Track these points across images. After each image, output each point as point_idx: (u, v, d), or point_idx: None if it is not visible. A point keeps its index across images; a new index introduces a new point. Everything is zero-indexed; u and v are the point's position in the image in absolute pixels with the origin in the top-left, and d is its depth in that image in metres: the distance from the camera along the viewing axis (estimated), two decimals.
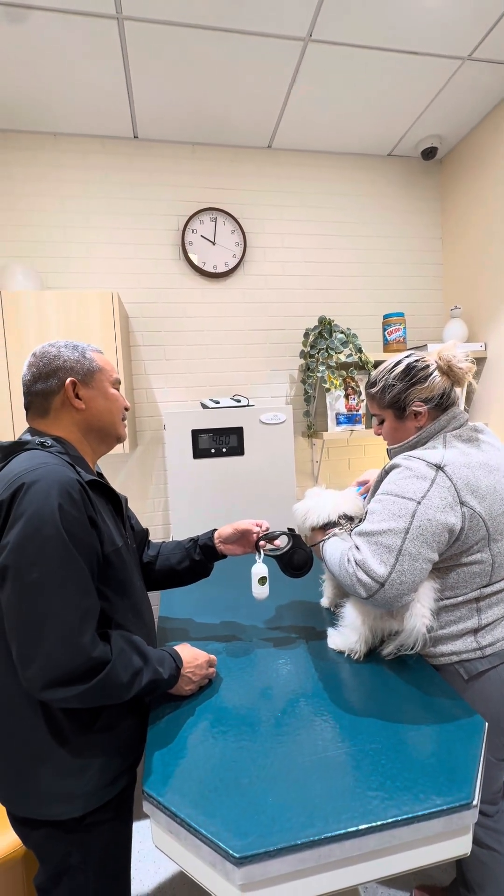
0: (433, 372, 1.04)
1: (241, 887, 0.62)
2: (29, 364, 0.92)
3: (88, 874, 0.83)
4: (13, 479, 0.77)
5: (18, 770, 0.79)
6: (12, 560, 0.72)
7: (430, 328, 2.47)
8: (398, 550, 0.90)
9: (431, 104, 1.98)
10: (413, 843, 0.66)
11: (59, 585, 0.73)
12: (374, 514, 0.97)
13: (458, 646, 1.01)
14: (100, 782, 0.81)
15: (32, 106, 1.86)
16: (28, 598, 0.72)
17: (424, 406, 1.05)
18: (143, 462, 2.22)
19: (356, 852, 0.64)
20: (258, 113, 1.98)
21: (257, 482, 2.01)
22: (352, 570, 0.94)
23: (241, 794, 0.69)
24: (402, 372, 1.07)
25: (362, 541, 0.96)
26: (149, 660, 0.83)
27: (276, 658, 1.07)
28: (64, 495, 0.76)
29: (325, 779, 0.71)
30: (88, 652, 0.73)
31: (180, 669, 0.89)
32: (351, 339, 2.07)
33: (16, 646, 0.73)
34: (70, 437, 0.91)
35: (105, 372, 0.95)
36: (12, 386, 1.76)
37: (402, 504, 0.92)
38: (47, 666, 0.71)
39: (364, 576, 0.92)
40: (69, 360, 0.91)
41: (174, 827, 0.68)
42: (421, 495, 0.92)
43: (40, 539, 0.72)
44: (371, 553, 0.92)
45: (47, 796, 0.78)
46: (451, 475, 0.93)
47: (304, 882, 0.64)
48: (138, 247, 2.15)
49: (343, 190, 2.34)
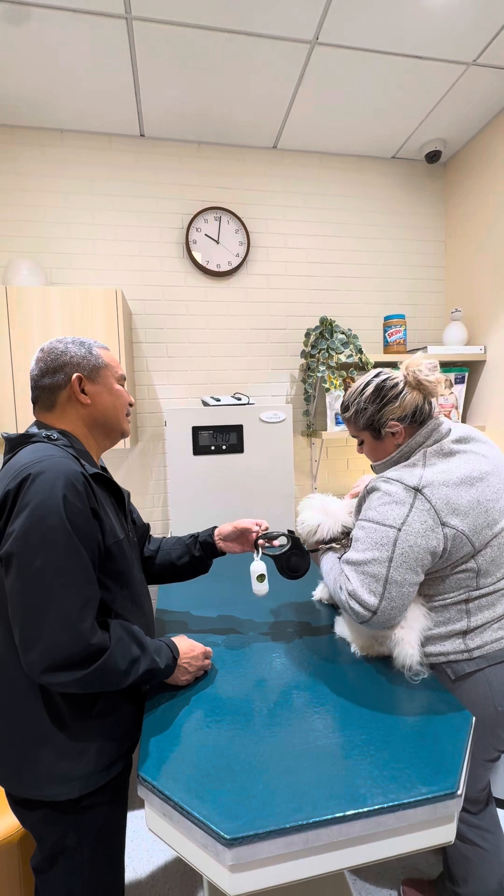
0: (403, 389, 1.04)
1: (230, 868, 0.64)
2: (37, 359, 0.94)
3: (84, 855, 0.86)
4: (19, 469, 0.79)
5: (18, 751, 0.82)
6: (17, 548, 0.74)
7: (430, 330, 2.49)
8: (384, 579, 0.93)
9: (436, 108, 1.99)
10: (399, 829, 0.68)
11: (62, 573, 0.75)
12: (357, 542, 0.99)
13: (446, 647, 1.02)
14: (96, 766, 0.84)
15: (40, 102, 1.88)
16: (31, 585, 0.74)
17: (399, 424, 1.05)
18: (143, 458, 2.25)
19: (343, 837, 0.66)
20: (264, 114, 1.99)
21: (256, 480, 2.03)
22: (344, 598, 0.98)
23: (232, 780, 0.72)
24: (373, 394, 1.06)
25: (350, 570, 0.98)
26: (146, 649, 0.85)
27: (270, 651, 1.09)
28: (68, 487, 0.78)
29: (315, 767, 0.74)
30: (88, 639, 0.75)
31: (177, 660, 0.91)
32: (352, 339, 2.09)
33: (18, 630, 0.75)
34: (75, 430, 0.94)
35: (110, 368, 0.98)
36: (16, 380, 1.78)
37: (384, 532, 0.94)
38: (48, 650, 0.73)
39: (356, 605, 0.95)
40: (76, 355, 0.93)
41: (167, 810, 0.70)
42: (401, 522, 0.93)
43: (44, 528, 0.75)
44: (360, 584, 0.95)
45: (45, 778, 0.81)
46: (429, 497, 0.93)
47: (292, 864, 0.66)
48: (143, 244, 2.17)
49: (347, 191, 2.35)
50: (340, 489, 2.44)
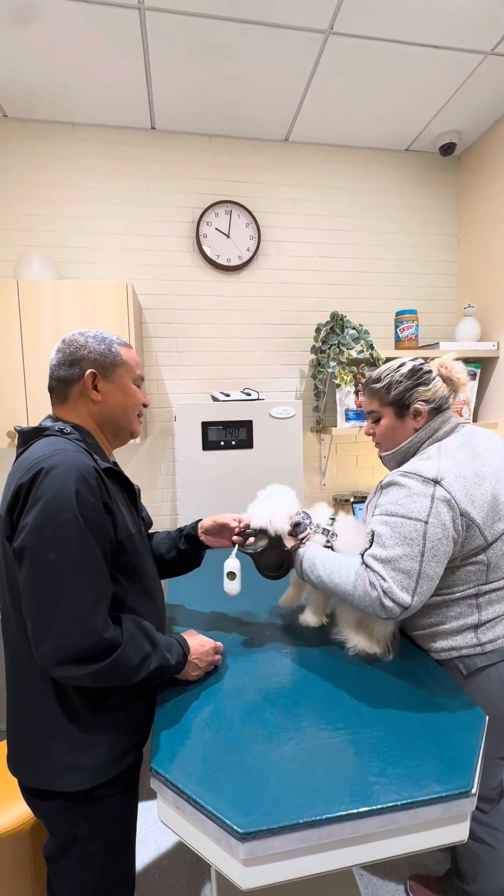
0: (435, 377, 1.08)
1: (243, 862, 0.64)
2: (57, 349, 0.93)
3: (95, 846, 0.86)
4: (32, 463, 0.79)
5: (31, 742, 0.83)
6: (30, 542, 0.74)
7: (442, 326, 2.46)
8: (417, 575, 0.92)
9: (452, 99, 1.96)
10: (412, 827, 0.68)
11: (74, 568, 0.75)
12: (384, 538, 0.95)
13: (458, 641, 1.02)
14: (108, 758, 0.84)
15: (52, 95, 1.87)
16: (44, 579, 0.74)
17: (425, 407, 1.06)
18: (152, 452, 2.25)
19: (356, 834, 0.66)
20: (276, 105, 1.97)
21: (265, 475, 2.02)
22: (375, 595, 0.93)
23: (245, 775, 0.72)
24: (409, 372, 1.09)
25: (382, 568, 0.94)
26: (158, 645, 0.85)
27: (281, 646, 1.09)
28: (81, 481, 0.78)
29: (327, 763, 0.73)
30: (100, 633, 0.76)
31: (187, 656, 0.91)
32: (363, 335, 2.07)
33: (31, 624, 0.75)
34: (87, 425, 0.93)
35: (128, 367, 0.96)
36: (27, 373, 1.79)
37: (412, 526, 0.92)
38: (60, 645, 0.73)
39: (390, 602, 0.92)
40: (94, 351, 0.92)
41: (180, 803, 0.70)
42: (426, 514, 0.92)
43: (58, 522, 0.75)
44: (394, 581, 0.92)
45: (58, 768, 0.82)
46: (448, 487, 0.94)
47: (305, 860, 0.66)
48: (153, 238, 2.16)
49: (359, 185, 2.33)
50: (350, 486, 2.43)
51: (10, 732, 0.87)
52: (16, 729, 0.85)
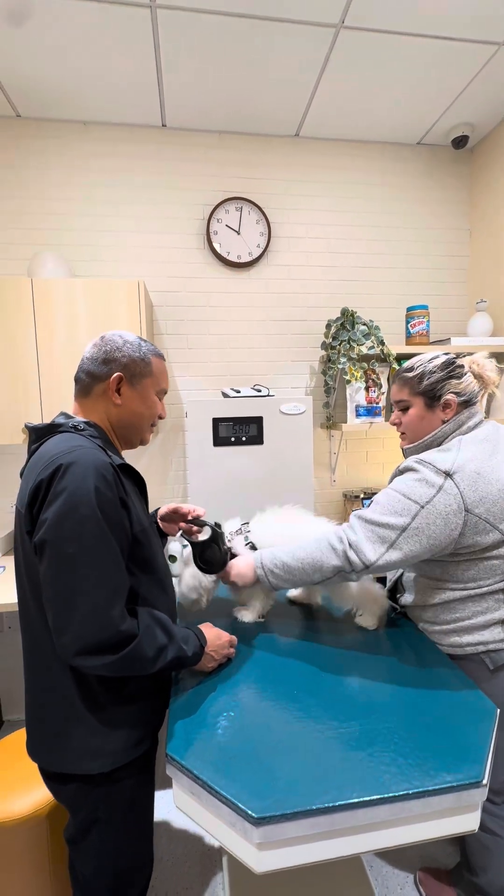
0: (467, 372, 1.10)
1: (258, 846, 0.66)
2: (94, 344, 0.96)
3: (115, 826, 0.90)
4: (50, 460, 0.81)
5: (53, 728, 0.85)
6: (50, 535, 0.77)
7: (454, 322, 2.44)
8: (390, 544, 0.96)
9: (464, 91, 1.93)
10: (423, 816, 0.69)
11: (93, 561, 0.77)
12: (378, 505, 1.01)
13: (485, 636, 1.03)
14: (127, 742, 0.87)
15: (64, 94, 1.89)
16: (63, 572, 0.76)
17: (455, 399, 1.08)
18: (163, 448, 2.27)
19: (368, 821, 0.67)
20: (286, 101, 1.97)
21: (275, 471, 2.03)
22: (341, 548, 0.99)
23: (258, 762, 0.73)
24: (443, 364, 1.10)
25: (360, 524, 1.01)
26: (174, 637, 0.87)
27: (294, 638, 1.11)
28: (99, 477, 0.80)
29: (339, 753, 0.75)
30: (117, 625, 0.78)
31: (204, 648, 0.93)
32: (373, 331, 2.06)
33: (51, 616, 0.78)
34: (102, 424, 0.95)
35: (155, 379, 0.98)
36: (41, 371, 1.81)
37: (406, 504, 0.97)
38: (79, 636, 0.76)
39: (353, 555, 0.98)
40: (127, 355, 0.94)
41: (196, 789, 0.72)
42: (426, 500, 0.95)
43: (77, 517, 0.77)
44: (366, 538, 0.98)
45: (79, 752, 0.84)
46: (458, 483, 0.95)
47: (318, 845, 0.68)
48: (164, 236, 2.18)
49: (370, 179, 2.31)
50: (359, 482, 2.43)
51: (31, 720, 0.90)
52: (37, 716, 0.88)
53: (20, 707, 2.16)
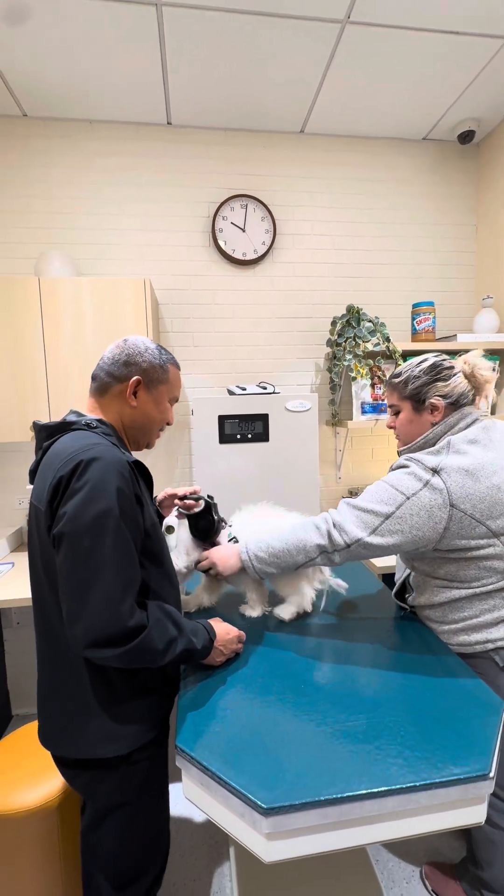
0: (457, 373, 1.10)
1: (266, 836, 0.67)
2: (117, 345, 0.98)
3: (133, 807, 0.93)
4: (70, 456, 0.82)
5: (71, 716, 0.88)
6: (68, 528, 0.78)
7: (460, 318, 2.43)
8: (372, 529, 1.00)
9: (471, 86, 1.92)
10: (430, 807, 0.70)
11: (108, 556, 0.79)
12: (366, 494, 1.06)
13: (493, 633, 1.04)
14: (142, 725, 0.90)
15: (70, 93, 1.90)
16: (79, 565, 0.78)
17: (442, 402, 1.09)
18: (169, 446, 2.28)
19: (376, 812, 0.68)
20: (292, 97, 1.97)
21: (281, 468, 2.04)
22: (325, 527, 1.04)
23: (266, 755, 0.74)
24: (429, 367, 1.12)
25: (346, 508, 1.05)
26: (183, 630, 0.89)
27: (301, 633, 1.12)
28: (118, 474, 0.82)
29: (347, 745, 0.75)
30: (127, 618, 0.79)
31: (213, 641, 0.95)
32: (379, 328, 2.06)
33: (65, 607, 0.79)
34: (114, 423, 0.98)
35: (170, 386, 1.02)
36: (49, 369, 1.83)
37: (392, 494, 1.01)
38: (90, 628, 0.77)
39: (336, 534, 1.02)
40: (148, 361, 0.97)
41: (205, 780, 0.73)
42: (412, 493, 0.99)
43: (95, 511, 0.78)
44: (350, 520, 1.03)
45: (96, 738, 0.87)
46: (445, 479, 0.98)
47: (326, 836, 0.69)
48: (169, 234, 2.18)
49: (375, 175, 2.31)
50: (365, 479, 2.43)
51: (45, 709, 0.92)
52: (52, 706, 0.90)
53: (29, 701, 2.18)
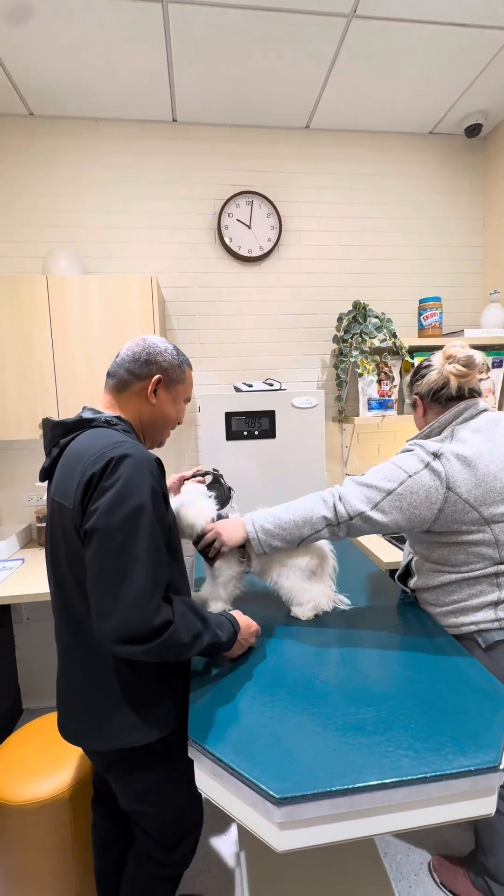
0: (432, 370, 1.17)
1: (279, 825, 0.68)
2: (136, 343, 0.99)
3: (166, 787, 0.96)
4: (98, 454, 0.82)
5: (101, 709, 0.89)
6: (100, 524, 0.78)
7: (467, 313, 2.42)
8: (374, 504, 1.06)
9: (478, 78, 1.91)
10: (440, 799, 0.71)
11: (140, 553, 0.79)
12: (371, 472, 1.12)
13: (478, 617, 1.09)
14: (168, 712, 0.92)
15: (76, 92, 1.90)
16: (110, 561, 0.78)
17: (420, 399, 1.20)
18: (176, 443, 2.29)
19: (386, 803, 0.69)
20: (297, 92, 1.96)
21: (288, 465, 2.05)
22: (331, 500, 1.09)
23: (278, 746, 0.75)
24: (416, 368, 1.24)
25: (352, 484, 1.11)
26: (208, 624, 0.90)
27: (310, 627, 1.13)
28: (150, 471, 0.83)
29: (357, 737, 0.76)
30: (155, 614, 0.79)
31: (237, 634, 0.96)
32: (385, 324, 2.06)
33: (94, 603, 0.79)
34: (132, 420, 0.98)
35: (186, 386, 1.05)
36: (57, 367, 1.84)
37: (396, 472, 1.07)
38: (120, 625, 0.77)
39: (341, 506, 1.07)
40: (167, 361, 0.99)
41: (217, 770, 0.74)
42: (414, 471, 1.05)
43: (128, 508, 0.79)
44: (354, 494, 1.08)
45: (125, 728, 0.88)
46: (444, 463, 1.04)
47: (337, 826, 0.69)
48: (175, 231, 2.19)
49: (381, 170, 2.30)
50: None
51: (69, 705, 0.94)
52: (79, 703, 0.92)
53: (40, 696, 2.21)
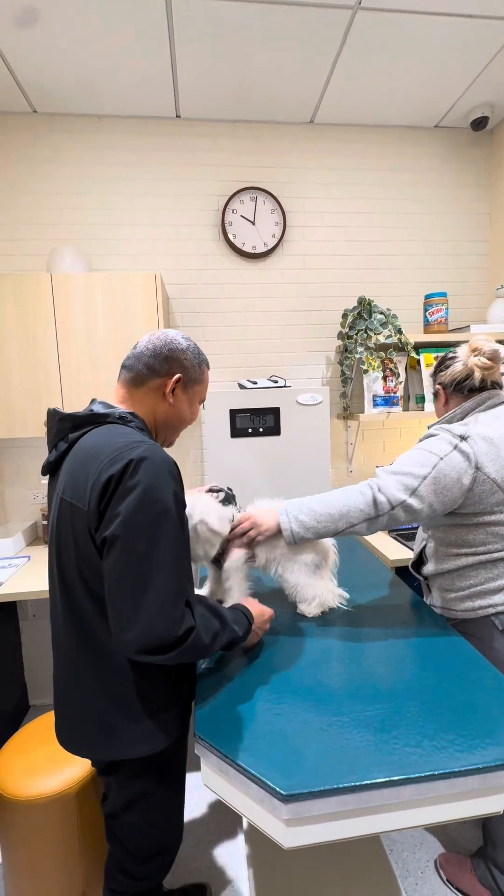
0: (457, 362, 1.20)
1: (286, 822, 0.67)
2: (157, 337, 0.94)
3: (158, 796, 0.95)
4: (115, 454, 0.78)
5: (101, 721, 0.87)
6: (123, 530, 0.75)
7: (473, 308, 2.40)
8: (412, 490, 1.06)
9: (484, 71, 1.88)
10: (449, 796, 0.70)
11: (165, 560, 0.76)
12: (401, 459, 1.12)
13: (495, 599, 1.12)
14: (174, 722, 0.91)
15: (80, 89, 1.90)
16: (134, 568, 0.75)
17: (442, 389, 1.24)
18: (181, 440, 2.27)
19: (394, 800, 0.68)
20: (301, 87, 1.94)
21: (293, 462, 2.04)
22: (369, 493, 1.08)
23: (285, 743, 0.75)
24: (440, 360, 1.27)
25: (385, 474, 1.11)
26: (226, 621, 0.88)
27: (316, 624, 1.12)
28: (171, 474, 0.80)
29: (364, 735, 0.76)
30: (180, 623, 0.77)
31: (252, 625, 0.95)
32: (391, 319, 2.04)
33: (115, 611, 0.76)
34: (146, 417, 0.94)
35: (203, 388, 1.02)
36: (62, 365, 1.84)
37: (427, 457, 1.08)
38: (144, 634, 0.75)
39: (381, 496, 1.07)
40: (189, 360, 0.95)
41: (224, 767, 0.74)
42: (444, 454, 1.07)
43: (152, 514, 0.76)
44: (391, 484, 1.08)
45: (130, 739, 0.86)
46: (472, 444, 1.07)
47: (345, 823, 0.69)
48: (179, 228, 2.18)
49: (386, 165, 2.28)
50: None
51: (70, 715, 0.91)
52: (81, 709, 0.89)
53: (46, 692, 2.22)
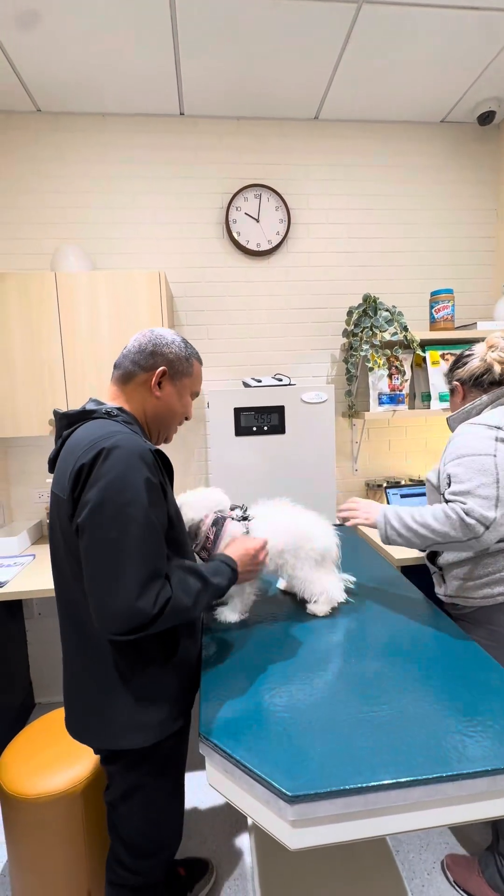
0: (474, 358, 1.23)
1: (292, 823, 0.67)
2: (143, 334, 0.98)
3: (157, 788, 0.95)
4: (90, 444, 0.81)
5: (98, 708, 0.89)
6: (92, 519, 0.77)
7: (480, 305, 2.38)
8: (496, 498, 1.03)
9: (492, 64, 1.86)
10: (457, 798, 0.69)
11: (135, 546, 0.77)
12: (459, 476, 1.08)
13: None
14: (170, 713, 0.91)
15: (84, 87, 1.89)
16: (105, 556, 0.77)
17: (459, 384, 1.27)
18: (185, 439, 2.29)
19: (401, 802, 0.67)
20: (305, 83, 1.93)
21: (297, 460, 2.03)
22: (456, 518, 1.04)
23: (290, 743, 0.74)
24: (456, 357, 1.30)
25: (463, 497, 1.06)
26: (206, 579, 0.89)
27: (322, 623, 1.12)
28: (143, 462, 0.81)
29: (371, 735, 0.75)
30: (153, 603, 0.78)
31: (237, 571, 0.96)
32: (396, 317, 2.03)
33: (91, 597, 0.79)
34: (136, 413, 0.97)
35: (193, 380, 1.02)
36: (66, 363, 1.85)
37: (483, 461, 1.06)
38: (116, 618, 0.77)
39: (474, 521, 1.03)
40: (174, 353, 0.97)
41: (229, 767, 0.73)
42: (493, 450, 1.06)
43: (121, 501, 0.77)
44: (477, 504, 1.04)
45: (126, 728, 0.88)
46: None
47: (351, 825, 0.68)
48: (183, 226, 2.17)
49: (392, 161, 2.26)
50: (382, 471, 2.41)
51: (72, 702, 0.93)
52: (78, 696, 0.91)
53: (51, 690, 2.23)
